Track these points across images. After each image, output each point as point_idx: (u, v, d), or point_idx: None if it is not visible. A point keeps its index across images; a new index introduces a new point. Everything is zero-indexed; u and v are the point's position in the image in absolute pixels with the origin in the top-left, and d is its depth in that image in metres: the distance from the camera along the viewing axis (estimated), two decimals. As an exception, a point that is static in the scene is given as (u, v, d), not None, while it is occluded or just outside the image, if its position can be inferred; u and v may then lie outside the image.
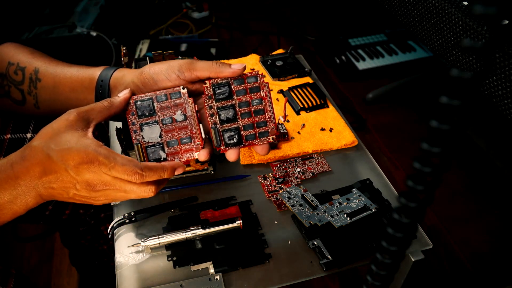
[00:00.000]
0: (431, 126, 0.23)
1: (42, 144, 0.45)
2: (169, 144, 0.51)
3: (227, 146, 0.52)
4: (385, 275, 0.30)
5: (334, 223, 0.58)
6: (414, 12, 0.85)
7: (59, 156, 0.44)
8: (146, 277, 0.53)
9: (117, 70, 0.55)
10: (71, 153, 0.44)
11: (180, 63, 0.51)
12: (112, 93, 0.54)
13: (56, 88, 0.57)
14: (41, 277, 1.12)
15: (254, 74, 0.52)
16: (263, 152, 0.53)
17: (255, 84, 0.52)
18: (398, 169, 1.38)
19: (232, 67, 0.51)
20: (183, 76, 0.51)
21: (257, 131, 0.53)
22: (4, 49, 0.60)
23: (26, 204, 0.47)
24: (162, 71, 0.51)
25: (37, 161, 0.45)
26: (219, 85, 0.51)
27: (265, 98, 0.52)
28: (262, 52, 1.14)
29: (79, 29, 1.49)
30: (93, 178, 0.45)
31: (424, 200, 0.26)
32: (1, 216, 0.47)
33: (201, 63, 0.51)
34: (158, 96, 0.51)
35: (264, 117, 0.53)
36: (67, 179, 0.45)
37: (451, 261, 1.12)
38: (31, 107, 0.59)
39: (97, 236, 0.86)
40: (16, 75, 0.58)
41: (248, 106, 0.52)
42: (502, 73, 0.65)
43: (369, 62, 1.73)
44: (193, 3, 2.13)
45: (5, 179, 0.45)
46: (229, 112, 0.52)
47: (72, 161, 0.44)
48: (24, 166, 0.45)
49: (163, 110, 0.51)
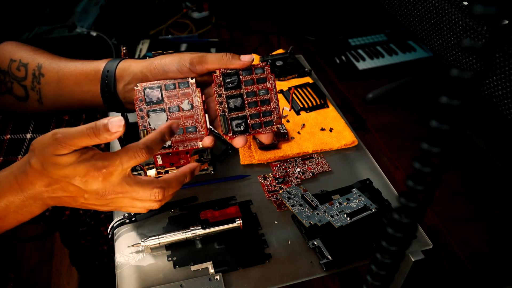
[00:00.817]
0: (431, 126, 0.23)
1: (41, 168, 0.44)
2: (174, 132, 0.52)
3: (235, 133, 0.54)
4: (385, 275, 0.30)
5: (334, 223, 0.58)
6: (414, 12, 0.85)
7: (64, 177, 0.44)
8: (146, 277, 0.53)
9: (122, 61, 0.55)
10: (76, 174, 0.43)
11: (191, 56, 0.52)
12: (118, 83, 0.54)
13: (60, 82, 0.57)
14: (41, 277, 1.12)
15: (261, 65, 0.54)
16: (267, 141, 0.55)
17: (262, 75, 0.55)
18: (398, 169, 1.38)
19: (242, 58, 0.52)
20: (194, 69, 0.52)
21: (262, 120, 0.55)
22: (5, 47, 0.60)
23: (31, 212, 0.47)
24: (173, 63, 0.52)
25: (41, 177, 0.44)
26: (228, 74, 0.53)
27: (270, 89, 0.55)
28: (262, 52, 1.14)
29: (79, 29, 1.49)
30: (101, 186, 0.45)
31: (424, 200, 0.26)
32: (5, 225, 0.47)
33: (211, 56, 0.52)
34: (167, 85, 0.53)
35: (270, 107, 0.55)
36: (74, 189, 0.45)
37: (451, 261, 1.12)
38: (35, 103, 0.59)
39: (97, 236, 0.86)
40: (19, 71, 0.58)
41: (255, 96, 0.55)
42: (502, 73, 0.65)
43: (369, 62, 1.73)
44: (193, 3, 2.13)
45: (10, 191, 0.45)
46: (237, 100, 0.54)
47: (79, 178, 0.44)
48: (28, 181, 0.44)
49: (171, 99, 0.53)
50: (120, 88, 0.54)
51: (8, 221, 0.47)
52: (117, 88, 0.54)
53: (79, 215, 0.79)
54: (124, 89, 0.54)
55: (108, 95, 0.55)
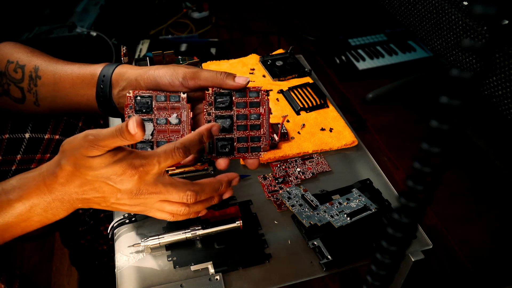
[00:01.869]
0: (431, 126, 0.23)
1: (74, 170, 0.44)
2: (158, 144, 0.52)
3: (218, 154, 0.53)
4: (385, 275, 0.30)
5: (334, 223, 0.58)
6: (414, 12, 0.85)
7: (99, 177, 0.44)
8: (146, 277, 0.53)
9: (119, 66, 0.55)
10: (112, 173, 0.43)
11: (185, 71, 0.51)
12: (113, 88, 0.54)
13: (57, 85, 0.57)
14: (41, 277, 1.12)
15: (257, 89, 0.53)
16: (252, 167, 0.54)
17: (256, 99, 0.53)
18: (398, 169, 1.38)
19: (236, 80, 0.51)
20: (187, 84, 0.51)
21: (250, 145, 0.53)
22: (2, 48, 0.60)
23: (56, 215, 0.46)
24: (166, 76, 0.51)
25: (72, 178, 0.44)
26: (221, 94, 0.52)
27: (263, 114, 0.53)
28: (262, 52, 1.14)
29: (79, 29, 1.49)
30: (136, 185, 0.45)
31: (424, 200, 0.26)
32: (28, 226, 0.47)
33: (205, 72, 0.51)
34: (158, 96, 0.52)
35: (259, 132, 0.53)
36: (108, 188, 0.45)
37: (451, 261, 1.12)
38: (31, 105, 0.59)
39: (97, 236, 0.86)
40: (16, 73, 0.58)
41: (245, 119, 0.53)
42: (502, 73, 0.65)
43: (369, 62, 1.73)
44: (193, 3, 2.12)
45: (37, 192, 0.45)
46: (226, 122, 0.52)
47: (115, 176, 0.44)
48: (58, 183, 0.44)
49: (160, 111, 0.52)
50: (115, 93, 0.54)
51: (31, 223, 0.46)
52: (112, 93, 0.54)
53: (79, 214, 0.79)
54: (119, 94, 0.54)
55: (103, 99, 0.54)
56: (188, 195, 0.47)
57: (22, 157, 0.65)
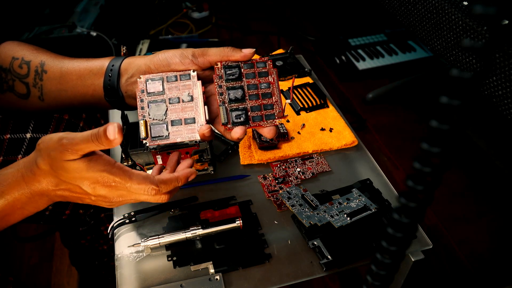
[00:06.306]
0: (431, 126, 0.23)
1: (50, 169, 0.45)
2: (173, 123, 0.53)
3: (234, 124, 0.53)
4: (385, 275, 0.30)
5: (334, 223, 0.58)
6: (414, 12, 0.85)
7: (73, 180, 0.45)
8: (146, 277, 0.53)
9: (127, 57, 0.57)
10: (85, 179, 0.45)
11: (194, 49, 0.54)
12: (121, 77, 0.56)
13: (63, 78, 0.58)
14: (41, 277, 1.12)
15: (264, 60, 0.55)
16: (269, 135, 0.54)
17: (263, 69, 0.55)
18: (398, 169, 1.38)
19: (243, 51, 0.54)
20: (197, 61, 0.53)
21: (263, 113, 0.54)
22: (7, 46, 0.61)
23: (37, 207, 0.49)
24: (176, 55, 0.54)
25: (49, 177, 0.46)
26: (230, 66, 0.54)
27: (272, 83, 0.55)
28: (262, 52, 1.14)
29: (79, 29, 1.49)
30: (109, 193, 0.47)
31: (424, 200, 0.26)
32: (12, 219, 0.49)
33: (213, 49, 0.54)
34: (169, 77, 0.54)
35: (271, 100, 0.55)
36: (82, 191, 0.47)
37: (451, 261, 1.12)
38: (35, 100, 0.60)
39: (97, 236, 0.86)
40: (21, 68, 0.59)
41: (256, 88, 0.54)
42: (502, 73, 0.65)
43: (369, 62, 1.73)
44: (193, 3, 2.13)
45: (17, 188, 0.47)
46: (237, 92, 0.54)
47: (88, 183, 0.45)
48: (35, 180, 0.46)
49: (172, 90, 0.53)
50: (123, 81, 0.55)
51: (15, 216, 0.48)
52: (120, 81, 0.56)
53: (79, 214, 0.79)
54: (127, 82, 0.55)
55: (110, 88, 0.56)
56: (149, 190, 0.48)
57: (24, 157, 0.65)
